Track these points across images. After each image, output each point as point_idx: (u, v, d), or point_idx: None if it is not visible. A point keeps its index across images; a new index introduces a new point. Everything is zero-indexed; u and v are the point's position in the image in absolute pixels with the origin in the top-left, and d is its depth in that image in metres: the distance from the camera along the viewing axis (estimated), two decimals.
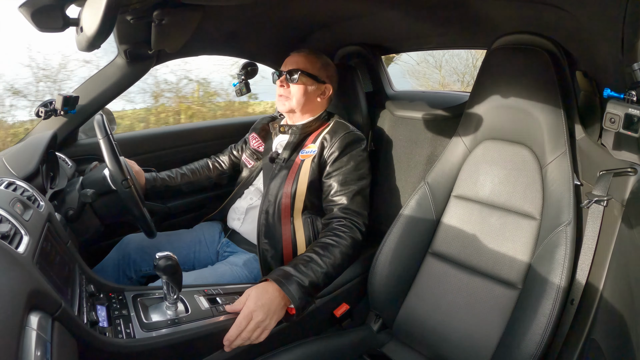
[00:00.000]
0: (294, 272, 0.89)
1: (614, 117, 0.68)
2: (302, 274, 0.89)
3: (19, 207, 0.66)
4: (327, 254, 0.95)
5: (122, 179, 0.92)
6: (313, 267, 0.91)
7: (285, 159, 1.15)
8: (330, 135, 1.13)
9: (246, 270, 1.11)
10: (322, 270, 0.92)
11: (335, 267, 0.95)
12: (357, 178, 1.09)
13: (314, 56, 1.17)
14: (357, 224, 1.04)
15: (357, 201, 1.07)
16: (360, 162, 1.12)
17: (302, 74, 1.13)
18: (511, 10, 0.91)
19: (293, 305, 0.85)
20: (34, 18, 0.63)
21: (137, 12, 0.85)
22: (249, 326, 0.80)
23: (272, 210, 1.09)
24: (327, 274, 0.93)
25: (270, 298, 0.83)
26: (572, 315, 0.82)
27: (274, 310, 0.83)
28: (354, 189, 1.08)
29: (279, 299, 0.84)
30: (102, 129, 0.91)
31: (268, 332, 0.82)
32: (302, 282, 0.87)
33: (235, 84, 1.55)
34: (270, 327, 0.83)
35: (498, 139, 1.05)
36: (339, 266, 0.97)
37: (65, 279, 0.68)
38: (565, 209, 0.87)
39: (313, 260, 0.93)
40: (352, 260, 1.01)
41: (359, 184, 1.09)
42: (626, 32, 0.66)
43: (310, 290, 0.88)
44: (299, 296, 0.85)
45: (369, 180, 1.13)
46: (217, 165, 1.39)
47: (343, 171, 1.09)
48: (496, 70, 1.01)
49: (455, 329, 0.98)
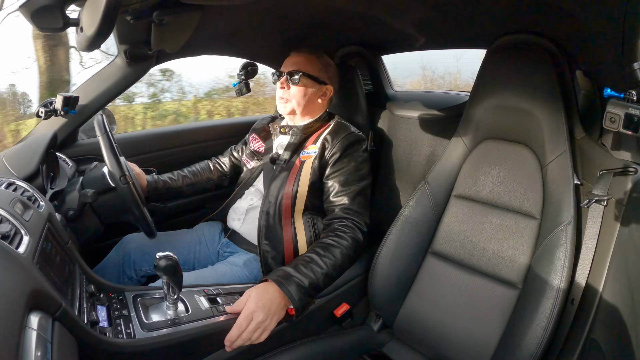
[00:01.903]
0: (294, 272, 0.89)
1: (614, 116, 0.68)
2: (302, 275, 0.89)
3: (19, 207, 0.67)
4: (328, 255, 0.95)
5: (120, 174, 0.93)
6: (313, 268, 0.91)
7: (286, 160, 1.15)
8: (332, 136, 1.13)
9: (246, 270, 1.11)
10: (322, 270, 0.92)
11: (335, 268, 0.95)
12: (358, 178, 1.09)
13: (314, 57, 1.17)
14: (358, 224, 1.04)
15: (358, 201, 1.07)
16: (361, 162, 1.12)
17: (303, 76, 1.13)
18: (511, 10, 0.91)
19: (292, 306, 0.85)
20: (34, 18, 0.63)
21: (137, 12, 0.85)
22: (250, 327, 0.80)
23: (273, 211, 1.08)
24: (327, 274, 0.93)
25: (271, 299, 0.83)
26: (572, 315, 0.82)
27: (274, 310, 0.83)
28: (355, 189, 1.08)
29: (279, 300, 0.84)
30: (102, 127, 0.92)
31: (268, 332, 0.82)
32: (302, 283, 0.87)
33: (235, 84, 1.55)
34: (270, 328, 0.83)
35: (498, 138, 1.05)
36: (340, 267, 0.97)
37: (65, 279, 0.68)
38: (566, 209, 0.87)
39: (313, 261, 0.93)
40: (352, 261, 1.01)
41: (360, 184, 1.09)
42: (626, 31, 0.66)
43: (310, 291, 0.88)
44: (298, 297, 0.85)
45: (370, 181, 1.13)
46: (218, 166, 1.40)
47: (344, 172, 1.09)
48: (496, 70, 1.01)
49: (455, 328, 0.98)
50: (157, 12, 0.86)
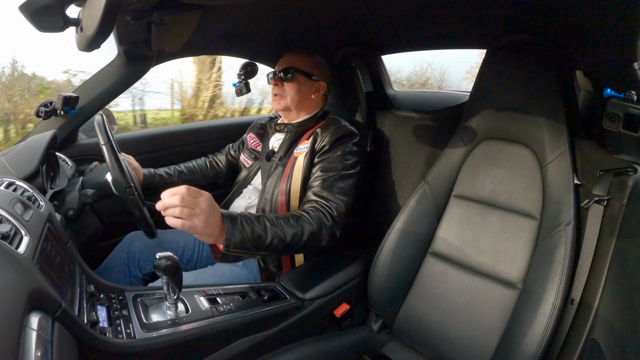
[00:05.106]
0: (241, 217, 0.86)
1: (614, 116, 0.68)
2: (248, 221, 0.86)
3: (19, 207, 0.67)
4: (285, 217, 0.92)
5: (125, 187, 0.90)
6: (263, 221, 0.88)
7: (281, 157, 1.16)
8: (322, 130, 1.13)
9: (246, 270, 1.11)
10: (271, 225, 0.88)
11: (286, 231, 0.90)
12: (341, 167, 1.07)
13: (306, 55, 1.19)
14: (328, 209, 1.00)
15: (336, 188, 1.04)
16: (348, 153, 1.10)
17: (295, 72, 1.14)
18: (511, 10, 0.91)
19: (224, 241, 0.82)
20: (33, 18, 0.63)
21: (137, 12, 0.85)
22: (185, 202, 0.74)
23: (269, 208, 1.09)
24: (275, 233, 0.88)
25: (215, 218, 0.79)
26: (572, 315, 0.82)
27: (211, 223, 0.78)
28: (335, 176, 1.05)
29: (219, 225, 0.80)
30: (104, 134, 0.88)
31: (187, 225, 0.75)
32: (246, 224, 0.84)
33: (235, 84, 1.55)
34: (194, 225, 0.75)
35: (498, 138, 1.05)
36: (295, 235, 0.91)
37: (65, 279, 0.68)
38: (566, 209, 0.87)
39: (265, 217, 0.90)
40: (313, 237, 0.95)
41: (342, 173, 1.07)
42: (626, 31, 0.66)
43: (250, 236, 0.85)
44: (231, 234, 0.81)
45: (355, 172, 1.10)
46: (214, 164, 1.40)
47: (328, 159, 1.08)
48: (496, 70, 1.01)
49: (455, 329, 0.98)
50: (157, 12, 0.86)
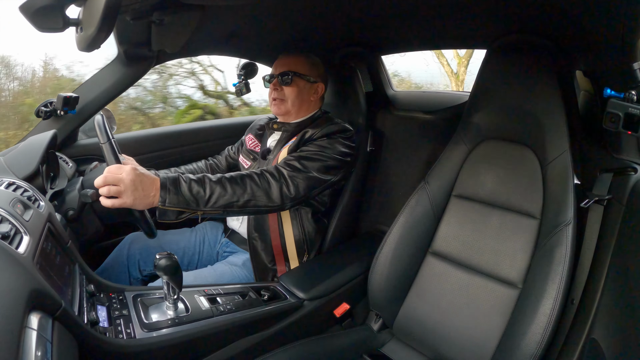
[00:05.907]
0: (180, 177, 0.88)
1: (614, 116, 0.68)
2: (186, 179, 0.88)
3: (19, 207, 0.67)
4: (230, 175, 0.93)
5: None
6: (204, 178, 0.89)
7: (276, 154, 1.15)
8: (314, 127, 1.12)
9: (245, 270, 1.11)
10: (211, 182, 0.89)
11: (227, 186, 0.90)
12: (316, 150, 1.05)
13: (302, 56, 1.18)
14: (277, 171, 0.98)
15: (302, 164, 1.01)
16: (333, 143, 1.08)
17: (294, 76, 1.14)
18: (511, 10, 0.91)
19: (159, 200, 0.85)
20: (33, 18, 0.63)
21: (137, 12, 0.85)
22: (109, 181, 0.81)
23: None
24: (214, 188, 0.89)
25: (145, 187, 0.84)
26: (572, 315, 0.82)
27: (139, 194, 0.83)
28: (301, 155, 1.04)
29: (155, 192, 0.85)
30: (104, 133, 0.87)
31: (119, 202, 0.82)
32: (183, 182, 0.87)
33: (235, 84, 1.55)
34: (125, 201, 0.82)
35: (498, 138, 1.05)
36: (237, 189, 0.91)
37: (65, 279, 0.68)
38: (566, 209, 0.87)
39: (207, 175, 0.91)
40: (259, 193, 0.94)
41: (315, 156, 1.04)
42: (626, 31, 0.66)
43: (187, 192, 0.86)
44: (166, 191, 0.85)
45: (333, 165, 1.07)
46: (214, 166, 1.40)
47: (308, 146, 1.07)
48: (496, 70, 1.01)
49: (455, 328, 0.98)
50: (157, 12, 0.86)
